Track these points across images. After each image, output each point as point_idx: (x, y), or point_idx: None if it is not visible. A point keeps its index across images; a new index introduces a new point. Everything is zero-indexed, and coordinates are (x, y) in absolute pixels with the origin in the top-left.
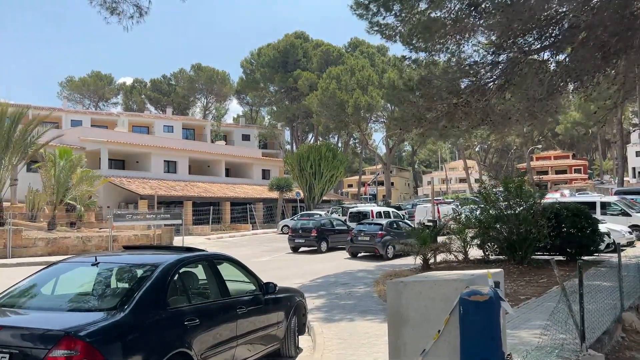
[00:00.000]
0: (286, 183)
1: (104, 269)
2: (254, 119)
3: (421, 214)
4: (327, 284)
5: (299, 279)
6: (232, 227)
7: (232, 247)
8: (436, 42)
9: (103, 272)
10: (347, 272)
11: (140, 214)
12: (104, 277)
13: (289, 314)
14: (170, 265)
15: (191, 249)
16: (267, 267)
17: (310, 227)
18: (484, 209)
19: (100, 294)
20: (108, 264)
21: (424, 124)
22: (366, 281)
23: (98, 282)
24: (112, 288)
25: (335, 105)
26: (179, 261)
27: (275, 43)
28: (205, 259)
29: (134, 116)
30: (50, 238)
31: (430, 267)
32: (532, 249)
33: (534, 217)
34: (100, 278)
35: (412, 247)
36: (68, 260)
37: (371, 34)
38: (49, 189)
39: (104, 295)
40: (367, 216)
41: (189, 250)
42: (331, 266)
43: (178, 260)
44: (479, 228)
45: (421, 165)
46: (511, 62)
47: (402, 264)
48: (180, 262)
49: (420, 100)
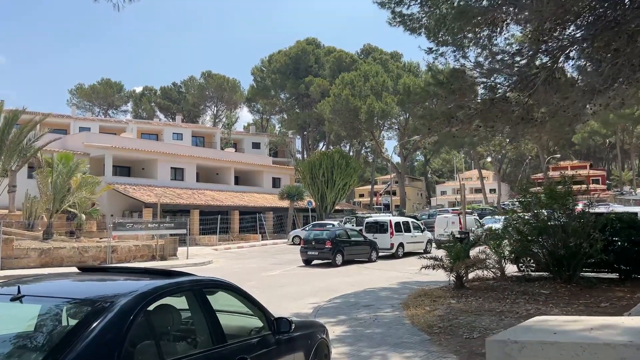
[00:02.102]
0: (297, 191)
1: (29, 307)
2: (264, 127)
3: (441, 225)
4: (347, 306)
5: (313, 297)
6: (240, 237)
7: (239, 259)
8: (466, 34)
9: (25, 313)
10: (369, 291)
11: (143, 223)
12: (25, 321)
13: (308, 358)
14: (134, 300)
15: (173, 273)
16: (277, 282)
17: (324, 238)
18: (525, 220)
19: (10, 355)
20: (37, 299)
21: (454, 123)
22: (392, 302)
23: (12, 332)
24: (33, 342)
25: (348, 111)
26: (147, 294)
27: (287, 50)
28: (191, 287)
29: (143, 123)
30: (43, 248)
31: (464, 285)
32: (581, 265)
33: (584, 228)
34: (18, 323)
35: (441, 262)
36: None
37: (393, 26)
38: (45, 196)
39: (17, 356)
40: (384, 227)
41: (169, 275)
42: (349, 282)
43: (145, 294)
44: (519, 241)
45: (434, 175)
46: (560, 50)
47: (430, 280)
48: (149, 296)
49: (451, 96)
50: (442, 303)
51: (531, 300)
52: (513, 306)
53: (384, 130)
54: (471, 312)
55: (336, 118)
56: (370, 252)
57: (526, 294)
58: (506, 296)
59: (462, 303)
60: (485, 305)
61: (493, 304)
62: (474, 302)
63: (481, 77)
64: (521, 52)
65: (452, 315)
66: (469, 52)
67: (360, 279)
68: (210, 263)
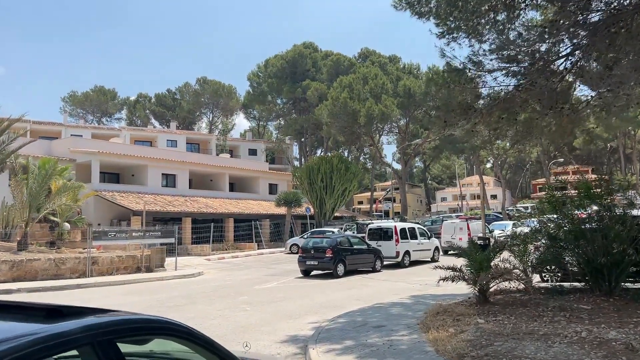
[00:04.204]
0: (295, 198)
1: None
2: (261, 134)
3: (448, 231)
4: (353, 327)
5: (313, 315)
6: (235, 246)
7: (233, 270)
8: (480, 19)
9: None
10: (377, 307)
11: (127, 232)
12: None
13: None
14: None
15: (71, 312)
16: (272, 297)
17: (324, 246)
18: (558, 223)
19: None
20: None
21: (472, 114)
22: (407, 322)
23: None
24: None
25: (347, 115)
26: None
27: (283, 53)
28: (93, 338)
29: (136, 130)
30: (15, 261)
31: (489, 299)
32: (624, 275)
33: (628, 233)
34: None
35: (461, 273)
36: None
37: (399, 10)
38: (21, 203)
39: None
40: (388, 233)
41: (67, 314)
42: (353, 296)
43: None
44: (550, 247)
45: (433, 181)
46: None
47: (445, 294)
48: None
49: (469, 84)
50: (468, 323)
51: (573, 318)
52: (556, 327)
53: (384, 134)
54: (508, 335)
55: (334, 122)
56: (375, 261)
57: (564, 310)
58: (541, 313)
59: (493, 323)
60: (522, 325)
61: (531, 324)
62: (506, 321)
63: (501, 62)
64: (542, 37)
65: (485, 339)
66: (485, 38)
67: (366, 292)
68: (200, 274)
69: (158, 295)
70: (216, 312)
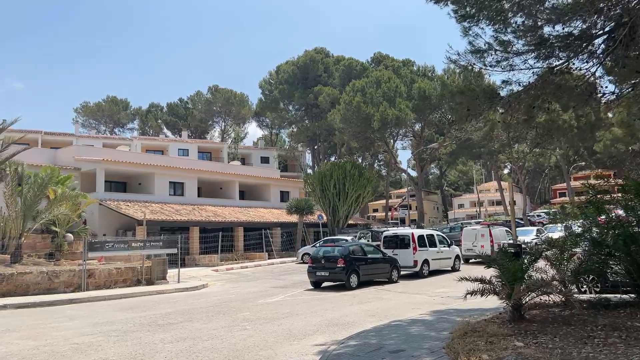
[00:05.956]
0: (307, 205)
1: None
2: (273, 141)
3: (469, 238)
4: (366, 352)
5: (320, 336)
6: (245, 256)
7: (239, 281)
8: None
9: None
10: (395, 325)
11: (126, 242)
12: None
13: None
14: None
15: None
16: (276, 313)
17: (335, 255)
18: (603, 228)
19: None
20: None
21: (499, 102)
22: (430, 344)
23: None
24: None
25: (360, 120)
26: None
27: (295, 59)
28: None
29: (148, 139)
30: (5, 274)
31: (524, 316)
32: None
33: None
34: None
35: (492, 285)
36: None
37: None
38: (14, 212)
39: None
40: (405, 241)
41: None
42: (367, 311)
43: None
44: (594, 254)
45: (450, 188)
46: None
47: (470, 308)
48: None
49: (495, 68)
50: (505, 347)
51: (631, 339)
52: (613, 351)
53: (399, 139)
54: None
55: (347, 127)
56: (391, 271)
57: (617, 329)
58: (590, 333)
59: (534, 347)
60: (572, 351)
61: (583, 348)
62: (551, 344)
63: (529, 46)
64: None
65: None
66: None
67: (381, 306)
68: (204, 287)
69: (152, 312)
70: (212, 331)
